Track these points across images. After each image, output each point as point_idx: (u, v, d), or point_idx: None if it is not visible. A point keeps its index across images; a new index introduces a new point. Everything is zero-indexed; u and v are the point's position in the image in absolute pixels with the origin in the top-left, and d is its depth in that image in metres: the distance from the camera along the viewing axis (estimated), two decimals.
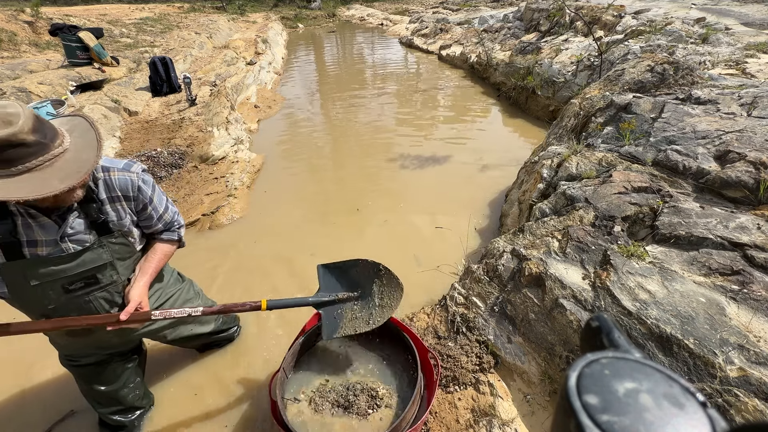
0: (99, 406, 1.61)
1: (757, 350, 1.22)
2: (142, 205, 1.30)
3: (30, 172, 0.93)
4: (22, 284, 1.15)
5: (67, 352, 1.46)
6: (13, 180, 0.92)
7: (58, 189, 0.95)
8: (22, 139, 0.91)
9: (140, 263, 1.38)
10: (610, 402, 0.23)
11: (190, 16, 13.60)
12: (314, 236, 3.11)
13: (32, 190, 0.92)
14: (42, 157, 0.95)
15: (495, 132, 5.23)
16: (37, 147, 0.94)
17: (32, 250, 1.11)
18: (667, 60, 3.39)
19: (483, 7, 13.55)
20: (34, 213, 1.08)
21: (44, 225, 1.11)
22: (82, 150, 1.03)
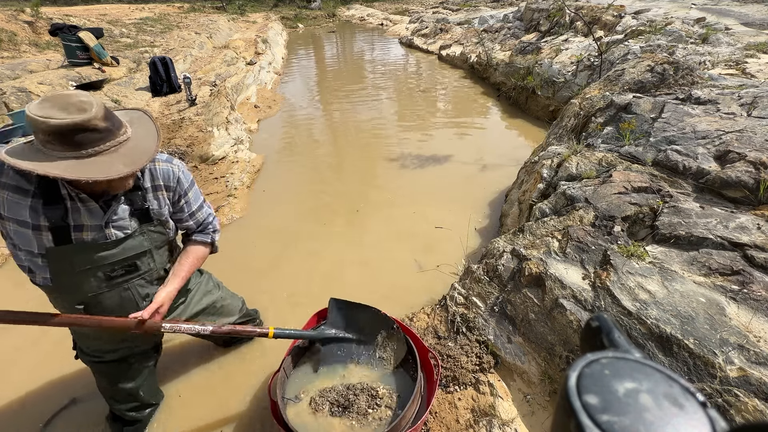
0: (116, 402, 1.62)
1: (757, 350, 1.22)
2: (177, 196, 1.34)
3: (97, 156, 1.00)
4: (68, 270, 1.17)
5: (95, 347, 1.44)
6: (82, 162, 0.98)
7: (123, 173, 1.01)
8: (95, 125, 0.98)
9: (173, 267, 1.40)
10: (610, 402, 0.23)
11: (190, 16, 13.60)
12: (314, 236, 3.11)
13: (99, 172, 0.98)
14: (109, 143, 1.02)
15: (495, 132, 5.23)
16: (105, 133, 1.01)
17: (78, 234, 1.14)
18: (667, 60, 3.39)
19: (483, 7, 13.55)
20: (84, 197, 1.12)
21: (91, 210, 1.14)
22: (142, 139, 1.10)
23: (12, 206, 1.06)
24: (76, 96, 0.99)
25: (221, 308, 1.75)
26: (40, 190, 1.07)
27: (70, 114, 0.96)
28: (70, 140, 0.96)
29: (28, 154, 0.98)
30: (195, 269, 1.47)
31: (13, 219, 1.07)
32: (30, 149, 0.99)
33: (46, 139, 0.96)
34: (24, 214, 1.07)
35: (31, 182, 1.06)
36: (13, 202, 1.06)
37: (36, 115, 0.94)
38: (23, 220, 1.07)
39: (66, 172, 0.95)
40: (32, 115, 0.95)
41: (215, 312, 1.73)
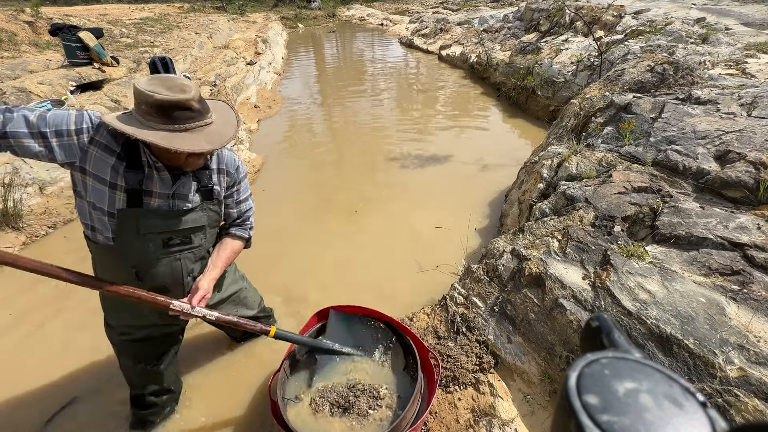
0: (138, 384, 1.65)
1: (757, 350, 1.22)
2: (233, 182, 1.45)
3: (187, 132, 1.13)
4: (132, 232, 1.26)
5: (124, 321, 1.48)
6: (174, 134, 1.11)
7: (206, 148, 1.13)
8: (191, 105, 1.12)
9: (211, 257, 1.48)
10: (610, 402, 0.23)
11: (190, 16, 13.60)
12: (314, 236, 3.11)
13: (186, 144, 1.10)
14: (197, 122, 1.14)
15: (495, 132, 5.23)
16: (197, 114, 1.14)
17: (147, 199, 1.24)
18: (667, 60, 3.39)
19: (483, 7, 13.55)
20: (160, 167, 1.23)
21: (164, 179, 1.25)
22: (223, 124, 1.23)
23: (98, 162, 1.16)
24: (179, 79, 1.13)
25: (244, 299, 1.79)
26: (124, 153, 1.18)
27: (173, 92, 1.10)
28: (168, 114, 1.09)
29: (129, 120, 1.11)
30: (231, 261, 1.55)
31: (96, 175, 1.17)
32: (130, 118, 1.12)
33: (147, 110, 1.09)
34: (106, 171, 1.17)
35: (119, 144, 1.17)
36: (99, 159, 1.16)
37: (145, 89, 1.08)
38: (103, 177, 1.17)
39: (160, 140, 1.07)
40: (141, 88, 1.08)
41: (238, 302, 1.77)
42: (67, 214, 3.32)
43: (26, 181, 3.33)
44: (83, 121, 1.15)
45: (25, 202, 3.23)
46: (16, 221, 3.03)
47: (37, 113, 1.12)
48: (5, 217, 2.99)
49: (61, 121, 1.12)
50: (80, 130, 1.14)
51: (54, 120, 1.12)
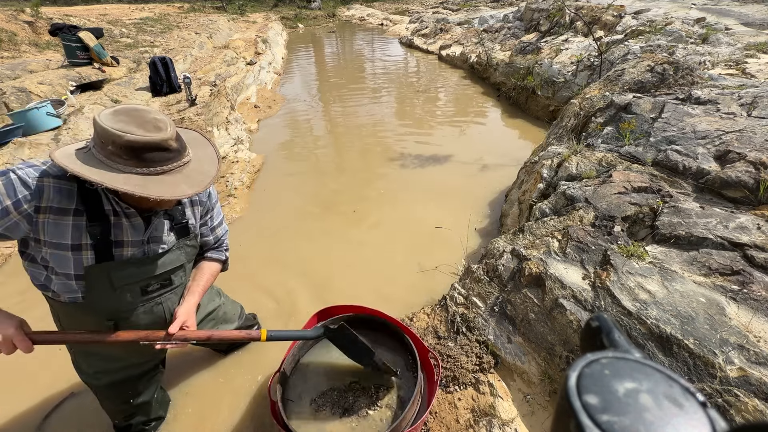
0: (122, 420, 1.57)
1: (757, 350, 1.22)
2: (206, 210, 1.35)
3: (164, 174, 0.99)
4: (105, 287, 1.13)
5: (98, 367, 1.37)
6: (148, 178, 0.96)
7: (188, 194, 0.99)
8: (169, 145, 0.98)
9: (189, 283, 1.39)
10: (610, 402, 0.23)
11: (190, 16, 13.60)
12: (314, 236, 3.11)
13: (166, 191, 0.96)
14: (175, 163, 1.01)
15: (495, 132, 5.23)
16: (174, 153, 1.00)
17: (119, 251, 1.11)
18: (667, 60, 3.39)
19: (483, 7, 13.55)
20: (130, 212, 1.10)
21: (135, 225, 1.12)
22: (203, 162, 1.09)
23: (53, 229, 1.01)
24: (149, 113, 0.98)
25: (223, 315, 1.74)
26: (83, 207, 1.03)
27: (148, 132, 0.95)
28: (141, 156, 0.95)
29: (90, 161, 0.94)
30: (210, 285, 1.46)
31: (53, 243, 1.02)
32: (89, 157, 0.95)
33: (115, 151, 0.93)
34: (66, 235, 1.02)
35: (73, 199, 1.01)
36: (54, 225, 1.00)
37: (112, 128, 0.92)
38: (64, 242, 1.03)
39: (135, 188, 0.92)
40: (107, 127, 0.92)
41: (217, 319, 1.72)
42: None
43: None
44: (16, 191, 0.95)
45: None
46: None
47: None
48: None
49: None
50: (17, 202, 0.95)
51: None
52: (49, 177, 0.99)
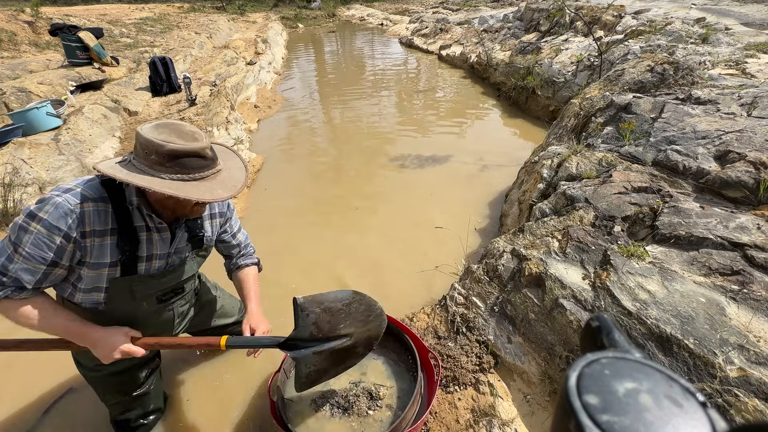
0: (120, 413, 1.58)
1: (757, 350, 1.22)
2: (225, 219, 1.44)
3: (201, 180, 1.07)
4: (125, 298, 1.21)
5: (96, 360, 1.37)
6: (188, 184, 1.04)
7: (224, 197, 1.07)
8: (206, 153, 1.07)
9: (244, 294, 1.51)
10: (610, 402, 0.23)
11: (190, 16, 13.60)
12: (313, 235, 3.11)
13: (205, 194, 1.04)
14: (211, 171, 1.09)
15: (495, 132, 5.23)
16: (210, 161, 1.09)
17: (147, 264, 1.20)
18: (667, 60, 3.39)
19: (483, 7, 13.55)
20: (161, 227, 1.18)
21: (164, 239, 1.21)
22: (232, 170, 1.18)
23: (97, 251, 1.08)
24: (185, 126, 1.07)
25: (221, 308, 1.78)
26: (118, 226, 1.10)
27: (187, 141, 1.03)
28: (182, 163, 1.03)
29: (133, 170, 1.01)
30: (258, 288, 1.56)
31: (96, 263, 1.10)
32: (130, 168, 1.02)
33: (157, 160, 1.01)
34: (106, 254, 1.10)
35: (108, 220, 1.08)
36: (98, 247, 1.08)
37: (156, 139, 1.00)
38: (104, 261, 1.10)
39: (179, 191, 1.00)
40: (151, 138, 1.00)
41: (215, 312, 1.75)
42: None
43: (26, 181, 3.33)
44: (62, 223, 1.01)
45: (25, 202, 3.23)
46: None
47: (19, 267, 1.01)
48: (5, 217, 2.99)
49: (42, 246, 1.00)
50: (67, 235, 1.02)
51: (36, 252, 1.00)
52: (88, 201, 1.05)
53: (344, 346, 1.32)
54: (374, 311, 1.39)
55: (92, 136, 4.19)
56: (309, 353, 1.28)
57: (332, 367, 1.36)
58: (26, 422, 1.80)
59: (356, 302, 1.35)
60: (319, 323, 1.28)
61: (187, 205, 1.12)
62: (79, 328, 1.14)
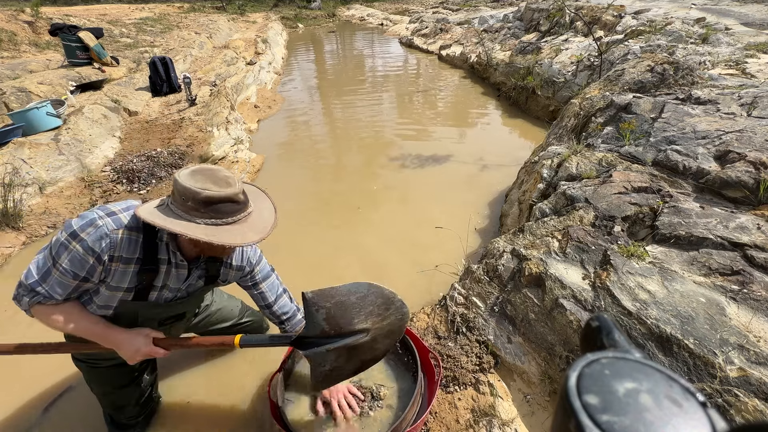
0: (114, 409, 1.60)
1: (757, 350, 1.22)
2: (243, 274, 1.43)
3: (233, 224, 1.11)
4: (130, 319, 1.27)
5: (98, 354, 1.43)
6: (220, 228, 1.08)
7: (254, 240, 1.10)
8: (238, 198, 1.10)
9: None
10: (610, 402, 0.23)
11: (190, 16, 13.60)
12: (313, 236, 3.11)
13: (235, 239, 1.07)
14: (242, 214, 1.13)
15: (495, 132, 5.23)
16: (242, 205, 1.13)
17: (159, 293, 1.25)
18: (667, 60, 3.39)
19: (483, 7, 13.55)
20: (181, 263, 1.23)
21: (180, 275, 1.25)
22: (263, 212, 1.23)
23: (119, 276, 1.15)
24: (220, 171, 1.11)
25: (217, 312, 1.78)
26: (143, 256, 1.15)
27: (221, 187, 1.07)
28: (215, 209, 1.07)
29: (169, 214, 1.07)
30: None
31: (115, 286, 1.16)
32: (166, 212, 1.07)
33: (193, 206, 1.05)
34: (126, 280, 1.16)
35: (136, 249, 1.14)
36: (121, 272, 1.14)
37: (193, 186, 1.04)
38: (122, 286, 1.17)
39: (210, 237, 1.04)
40: (188, 185, 1.04)
41: (211, 316, 1.75)
42: (67, 214, 3.32)
43: (26, 181, 3.33)
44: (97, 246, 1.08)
45: (25, 201, 3.23)
46: (16, 221, 3.04)
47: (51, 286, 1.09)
48: (5, 217, 2.99)
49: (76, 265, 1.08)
50: (99, 257, 1.09)
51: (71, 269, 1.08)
52: (124, 228, 1.11)
53: (361, 342, 1.25)
54: (394, 303, 1.33)
55: (92, 136, 4.19)
56: (323, 350, 1.23)
57: (350, 365, 1.29)
58: (27, 420, 1.81)
59: (372, 295, 1.30)
60: (331, 319, 1.23)
61: (217, 247, 1.17)
62: (103, 330, 1.21)
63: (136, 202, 1.19)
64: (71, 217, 3.27)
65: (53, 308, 1.14)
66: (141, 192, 3.66)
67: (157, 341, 1.28)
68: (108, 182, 3.74)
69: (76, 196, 3.54)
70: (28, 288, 1.10)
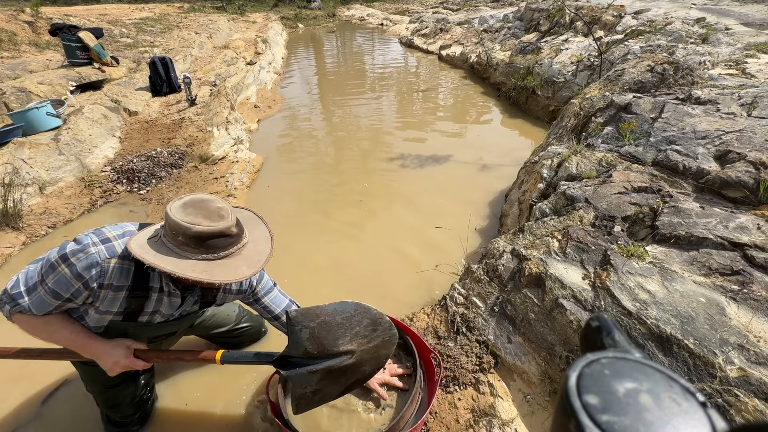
0: (111, 408, 1.60)
1: (757, 350, 1.22)
2: (245, 296, 1.44)
3: (225, 258, 1.07)
4: (118, 333, 1.27)
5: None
6: (212, 263, 1.05)
7: (247, 275, 1.06)
8: (231, 231, 1.07)
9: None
10: (610, 402, 0.23)
11: (190, 16, 13.60)
12: (313, 236, 3.11)
13: (227, 275, 1.04)
14: (235, 247, 1.10)
15: (495, 132, 5.23)
16: (235, 238, 1.09)
17: (150, 317, 1.24)
18: (667, 60, 3.39)
19: (483, 7, 13.55)
20: (174, 291, 1.21)
21: (173, 303, 1.24)
22: (258, 242, 1.18)
23: (109, 302, 1.15)
24: (213, 202, 1.08)
25: (212, 316, 1.77)
26: (134, 284, 1.14)
27: (214, 222, 1.04)
28: (207, 244, 1.05)
29: (161, 250, 1.04)
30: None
31: (104, 311, 1.16)
32: (158, 246, 1.05)
33: (184, 241, 1.03)
34: (116, 305, 1.16)
35: (128, 277, 1.13)
36: (111, 299, 1.14)
37: (183, 221, 1.02)
38: (112, 310, 1.16)
39: (203, 274, 1.02)
40: (179, 220, 1.02)
41: (206, 323, 1.75)
42: (67, 214, 3.32)
43: (26, 181, 3.33)
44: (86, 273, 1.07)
45: (25, 201, 3.23)
46: (16, 221, 3.04)
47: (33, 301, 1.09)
48: (5, 217, 2.99)
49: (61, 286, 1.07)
50: (86, 283, 1.08)
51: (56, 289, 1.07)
52: (117, 258, 1.10)
53: (345, 365, 1.19)
54: (381, 325, 1.27)
55: (92, 136, 4.19)
56: (304, 372, 1.18)
57: (332, 389, 1.24)
58: (27, 412, 1.83)
59: (359, 315, 1.24)
60: (315, 339, 1.19)
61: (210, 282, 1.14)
62: (84, 340, 1.20)
63: (132, 227, 1.17)
64: (71, 217, 3.29)
65: (35, 318, 1.14)
66: (141, 192, 3.67)
67: (138, 353, 1.27)
68: (108, 182, 3.74)
69: (76, 196, 3.54)
70: (11, 297, 1.10)
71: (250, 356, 1.32)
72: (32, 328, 1.15)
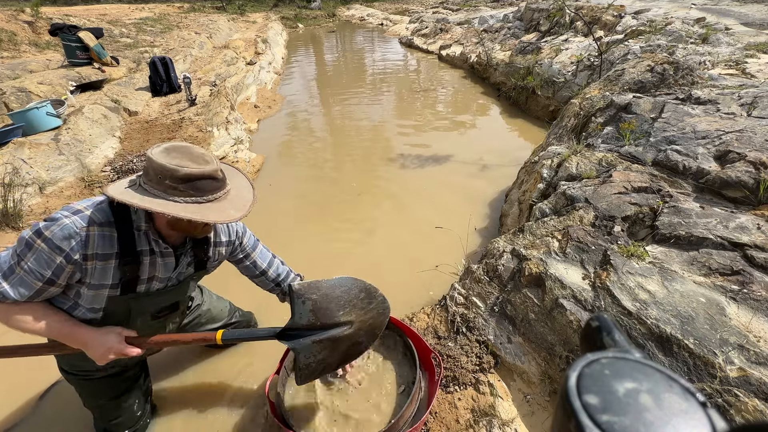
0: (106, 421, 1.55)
1: (757, 350, 1.22)
2: (233, 248, 1.43)
3: (213, 202, 1.08)
4: (122, 315, 1.23)
5: (81, 366, 1.38)
6: (202, 206, 1.05)
7: (236, 217, 1.07)
8: (217, 174, 1.08)
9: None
10: (610, 402, 0.23)
11: (190, 16, 13.60)
12: (312, 236, 3.11)
13: (218, 216, 1.05)
14: (222, 192, 1.11)
15: (495, 132, 5.23)
16: (221, 182, 1.11)
17: (147, 285, 1.21)
18: (667, 60, 3.39)
19: (483, 7, 13.55)
20: (167, 252, 1.20)
21: (168, 263, 1.22)
22: (241, 189, 1.19)
23: (99, 274, 1.10)
24: (194, 148, 1.08)
25: (207, 312, 1.77)
26: (121, 250, 1.11)
27: (200, 165, 1.05)
28: (195, 186, 1.04)
29: (145, 194, 1.01)
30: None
31: (97, 284, 1.11)
32: (142, 191, 1.02)
33: (171, 185, 1.01)
34: (108, 277, 1.11)
35: (114, 244, 1.10)
36: (101, 270, 1.10)
37: (170, 164, 1.01)
38: (106, 283, 1.12)
39: (194, 215, 1.01)
40: (164, 163, 1.00)
41: (201, 316, 1.74)
42: None
43: (26, 181, 3.33)
44: (65, 244, 1.02)
45: (25, 201, 3.23)
46: (16, 221, 3.03)
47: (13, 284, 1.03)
48: (5, 217, 2.99)
49: (42, 264, 1.02)
50: (68, 256, 1.03)
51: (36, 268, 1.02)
52: (94, 225, 1.06)
53: (345, 335, 1.27)
54: (376, 298, 1.35)
55: (92, 136, 4.19)
56: (308, 342, 1.23)
57: (333, 358, 1.30)
58: (24, 408, 1.83)
59: (356, 288, 1.32)
60: (317, 310, 1.24)
61: (198, 225, 1.13)
62: (70, 328, 1.14)
63: (100, 197, 1.13)
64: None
65: (15, 306, 1.07)
66: None
67: (130, 339, 1.22)
68: (108, 182, 3.74)
69: (76, 196, 3.53)
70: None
71: (251, 333, 1.34)
72: (13, 318, 1.07)
